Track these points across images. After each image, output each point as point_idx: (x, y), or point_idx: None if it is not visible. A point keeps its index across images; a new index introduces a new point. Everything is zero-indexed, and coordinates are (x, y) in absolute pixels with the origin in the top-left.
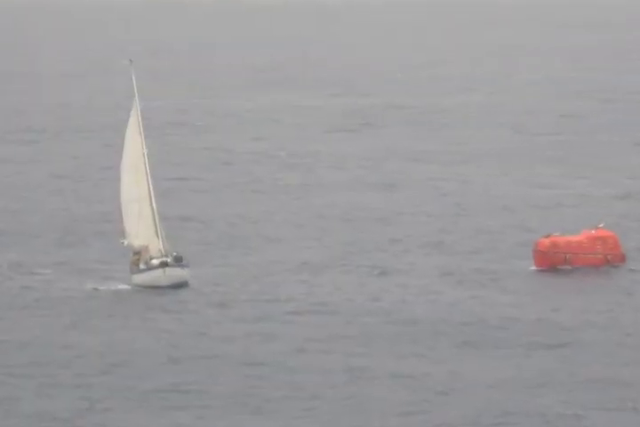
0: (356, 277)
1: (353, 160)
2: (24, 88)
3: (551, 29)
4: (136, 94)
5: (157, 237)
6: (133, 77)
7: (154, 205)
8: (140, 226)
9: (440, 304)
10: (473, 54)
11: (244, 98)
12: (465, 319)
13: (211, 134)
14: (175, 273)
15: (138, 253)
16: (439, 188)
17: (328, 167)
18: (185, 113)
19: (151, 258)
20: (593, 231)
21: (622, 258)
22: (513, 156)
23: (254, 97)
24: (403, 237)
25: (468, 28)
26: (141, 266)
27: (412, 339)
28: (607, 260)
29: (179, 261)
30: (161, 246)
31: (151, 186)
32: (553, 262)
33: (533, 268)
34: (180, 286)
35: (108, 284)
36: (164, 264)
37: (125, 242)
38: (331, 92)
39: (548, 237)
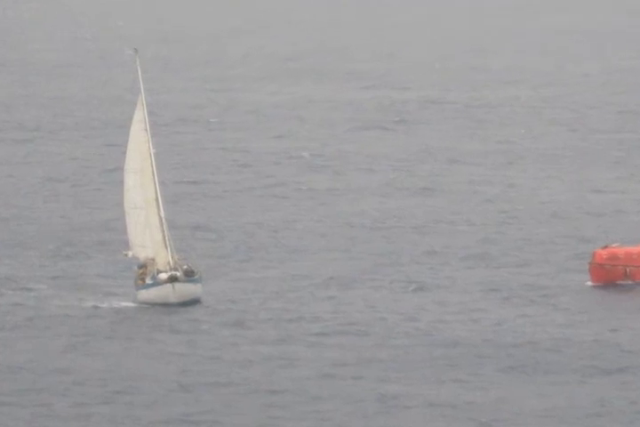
0: (388, 293)
1: (385, 162)
2: (14, 79)
3: (610, 13)
4: (142, 87)
5: (166, 248)
6: (139, 68)
7: (162, 212)
8: (147, 236)
9: (484, 324)
10: (520, 41)
11: (264, 91)
12: (512, 341)
13: (226, 132)
14: (186, 289)
15: (144, 266)
16: (482, 193)
17: (357, 170)
18: (197, 108)
19: (158, 272)
20: None
21: None
22: (566, 156)
23: (275, 90)
24: (441, 248)
25: (515, 11)
26: (148, 281)
27: (453, 363)
28: None
29: (190, 275)
30: (170, 259)
31: (159, 191)
32: (611, 277)
33: (589, 283)
34: (192, 303)
35: (109, 301)
36: (173, 279)
37: (130, 254)
38: (360, 84)
39: (605, 248)
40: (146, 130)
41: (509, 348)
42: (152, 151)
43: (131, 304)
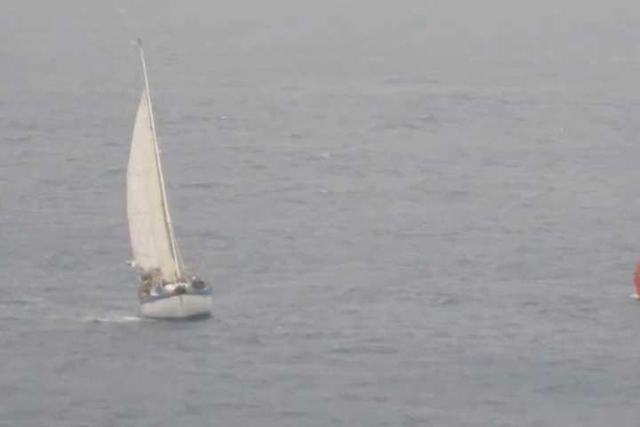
0: (416, 306)
1: (413, 163)
2: (7, 73)
3: None
4: (146, 81)
5: (172, 257)
6: (143, 61)
7: (168, 218)
8: (151, 244)
9: (520, 340)
10: (561, 32)
11: (279, 86)
12: (550, 359)
13: (238, 131)
14: (194, 302)
15: (148, 277)
16: (518, 197)
17: (382, 171)
18: (206, 104)
19: (165, 283)
20: None
21: None
22: (610, 157)
23: (291, 85)
24: (474, 257)
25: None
26: (153, 293)
27: (486, 383)
28: None
29: (199, 286)
30: (177, 269)
31: (165, 195)
32: None
33: (635, 295)
34: (201, 317)
35: (111, 315)
36: (180, 291)
37: (133, 263)
38: (385, 78)
39: None
40: (151, 128)
41: (547, 366)
42: (157, 152)
43: (134, 319)
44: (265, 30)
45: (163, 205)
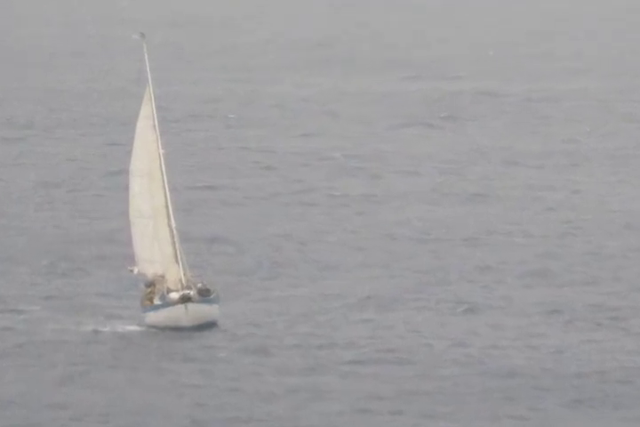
0: (434, 315)
1: (431, 163)
2: (3, 69)
3: None
4: (149, 78)
5: (177, 263)
6: (146, 56)
7: (172, 222)
8: (155, 249)
9: (544, 351)
10: (588, 24)
11: (289, 82)
12: (577, 371)
13: (246, 129)
14: (200, 310)
15: (152, 284)
16: (543, 199)
17: (399, 173)
18: (213, 102)
19: (169, 291)
20: None
21: None
22: (639, 158)
23: (302, 81)
24: (496, 263)
25: None
26: (156, 301)
27: (509, 396)
28: None
29: (205, 294)
30: (181, 276)
31: (169, 197)
32: None
33: None
34: (207, 326)
35: (112, 324)
36: (185, 299)
37: (135, 270)
38: (401, 74)
39: None
40: (154, 127)
41: (573, 378)
42: (161, 152)
43: (137, 328)
44: (275, 23)
45: (167, 208)
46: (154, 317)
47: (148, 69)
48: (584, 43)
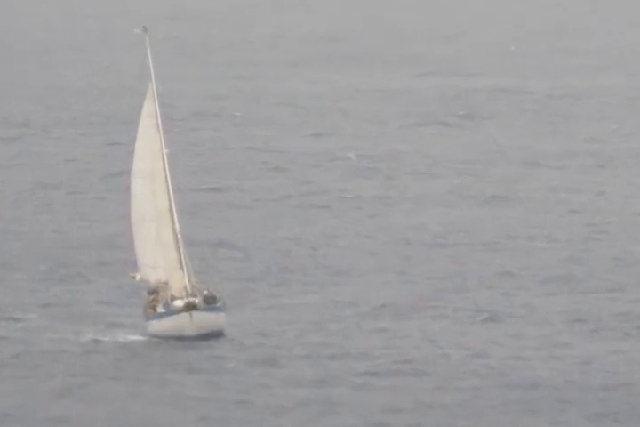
0: (452, 324)
1: (448, 164)
2: (0, 66)
3: None
4: (152, 74)
5: (181, 269)
6: (148, 51)
7: (177, 225)
8: (158, 254)
9: (568, 362)
10: (613, 20)
11: (299, 79)
12: (602, 382)
13: (254, 128)
14: (206, 319)
15: (155, 291)
16: (566, 202)
17: (414, 174)
18: (219, 99)
19: (173, 298)
20: None
21: None
22: None
23: (312, 77)
24: (517, 269)
25: None
26: (159, 309)
27: (531, 409)
28: None
29: (211, 302)
30: (186, 282)
31: (173, 199)
32: None
33: None
34: (213, 336)
35: (113, 333)
36: (190, 307)
37: (137, 276)
38: (417, 71)
39: None
40: (157, 126)
41: (599, 391)
42: (165, 151)
43: (139, 338)
44: (283, 16)
45: (171, 211)
46: (157, 325)
47: (150, 65)
48: (608, 38)
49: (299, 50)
